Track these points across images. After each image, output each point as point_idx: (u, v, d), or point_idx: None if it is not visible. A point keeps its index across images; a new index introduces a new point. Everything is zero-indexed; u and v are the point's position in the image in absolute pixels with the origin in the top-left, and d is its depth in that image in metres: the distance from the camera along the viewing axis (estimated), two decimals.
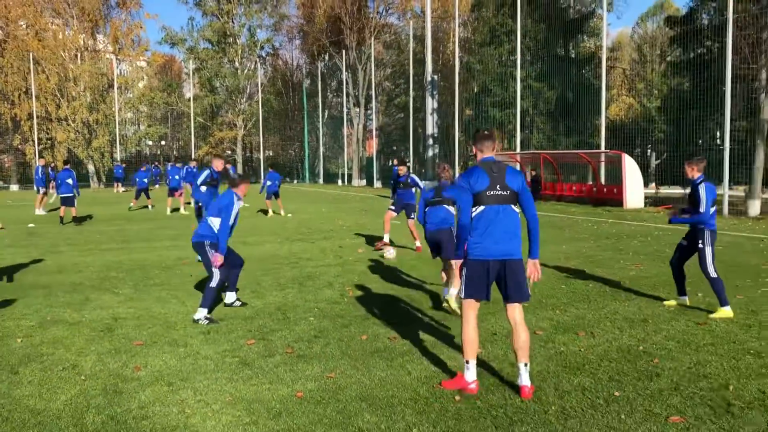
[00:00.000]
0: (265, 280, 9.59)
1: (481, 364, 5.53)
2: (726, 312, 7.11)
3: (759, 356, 5.69)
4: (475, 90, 41.90)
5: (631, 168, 24.28)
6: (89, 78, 50.53)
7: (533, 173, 29.13)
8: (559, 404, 4.65)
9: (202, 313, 7.02)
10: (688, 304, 7.69)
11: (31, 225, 18.63)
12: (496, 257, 4.87)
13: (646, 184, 28.26)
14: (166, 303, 8.05)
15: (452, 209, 8.09)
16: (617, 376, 5.25)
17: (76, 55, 51.18)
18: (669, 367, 5.41)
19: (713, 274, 7.21)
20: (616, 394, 4.84)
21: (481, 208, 4.90)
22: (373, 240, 14.12)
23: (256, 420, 4.39)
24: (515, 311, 4.94)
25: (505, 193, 4.89)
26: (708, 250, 7.26)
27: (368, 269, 10.51)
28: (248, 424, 4.32)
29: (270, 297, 8.39)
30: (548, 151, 30.48)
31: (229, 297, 7.83)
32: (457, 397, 4.77)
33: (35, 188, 23.39)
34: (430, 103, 39.99)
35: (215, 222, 7.36)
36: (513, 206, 4.95)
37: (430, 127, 40.00)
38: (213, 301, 7.19)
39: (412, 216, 12.95)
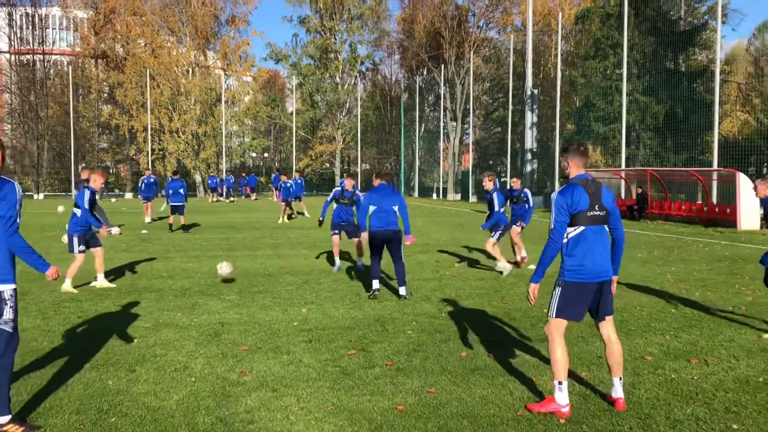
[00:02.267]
0: (364, 292, 9.70)
1: (587, 387, 5.35)
2: None
3: None
4: (577, 104, 40.89)
5: (746, 187, 22.89)
6: (199, 92, 53.22)
7: (639, 191, 28.00)
8: None
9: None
10: None
11: (144, 231, 19.72)
12: (597, 279, 4.81)
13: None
14: (269, 310, 8.29)
15: None
16: (735, 407, 4.93)
17: (188, 71, 54.09)
18: None
19: None
20: (735, 426, 4.55)
21: (581, 228, 4.78)
22: (468, 253, 14.01)
23: (358, 431, 4.43)
24: (608, 326, 4.94)
25: (602, 213, 4.81)
26: None
27: (465, 284, 10.42)
28: None
29: (369, 309, 8.47)
30: (655, 168, 29.26)
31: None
32: (562, 420, 4.63)
33: (141, 198, 24.10)
34: (530, 117, 39.39)
35: None
36: (606, 226, 4.89)
37: (529, 142, 39.36)
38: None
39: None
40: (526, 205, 12.52)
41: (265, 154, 66.93)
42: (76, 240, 9.57)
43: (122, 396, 5.08)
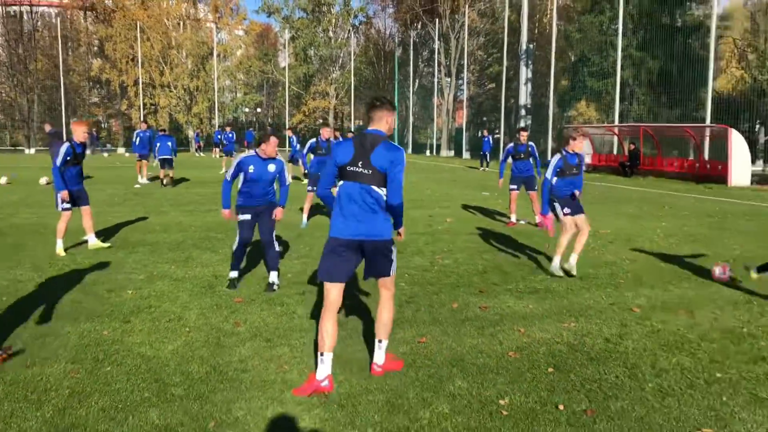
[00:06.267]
0: None
1: (575, 336, 5.46)
2: None
3: None
4: (572, 59, 40.54)
5: (738, 144, 22.95)
6: (191, 46, 52.47)
7: (632, 147, 28.00)
8: (657, 382, 4.53)
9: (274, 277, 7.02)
10: None
11: (137, 185, 19.68)
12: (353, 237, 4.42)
13: (753, 161, 26.67)
14: (263, 264, 8.33)
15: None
16: (719, 357, 5.05)
17: (178, 24, 53.21)
18: None
19: None
20: (718, 375, 4.66)
21: (341, 183, 4.45)
22: (460, 209, 14.06)
23: (349, 378, 4.52)
24: (381, 288, 4.65)
25: (367, 171, 4.35)
26: None
27: (456, 239, 10.48)
28: (342, 382, 4.45)
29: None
30: (649, 124, 29.20)
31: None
32: (550, 369, 4.73)
33: (135, 154, 21.42)
34: (524, 73, 39.08)
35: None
36: (374, 186, 4.37)
37: (524, 98, 39.12)
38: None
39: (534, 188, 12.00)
40: (531, 159, 12.27)
41: (258, 110, 66.34)
42: (58, 197, 8.88)
43: (117, 345, 5.15)
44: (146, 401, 4.13)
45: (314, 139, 12.13)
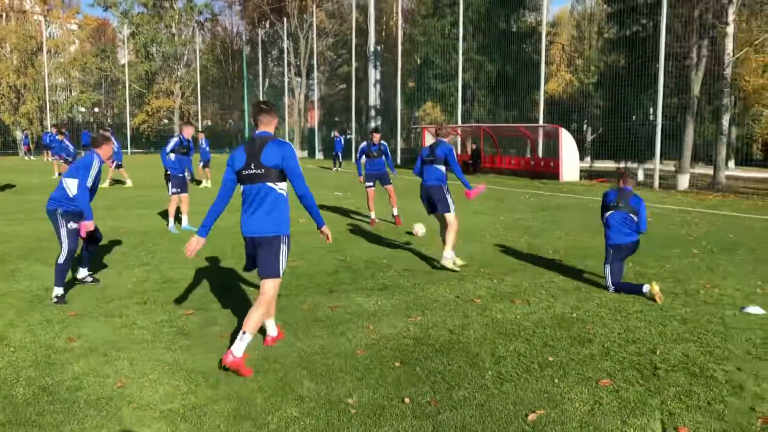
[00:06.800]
0: (204, 251, 9.43)
1: (420, 329, 5.62)
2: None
3: (684, 322, 5.96)
4: (418, 62, 41.87)
5: (567, 142, 24.81)
6: (16, 39, 48.18)
7: (474, 146, 29.45)
8: (496, 369, 4.77)
9: (57, 291, 6.46)
10: None
11: None
12: (248, 234, 4.87)
13: (582, 158, 28.98)
14: (100, 273, 7.83)
15: (443, 168, 8.48)
16: (551, 342, 5.41)
17: (1, 15, 48.64)
18: (601, 334, 5.62)
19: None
20: (550, 359, 5.00)
21: (240, 187, 4.88)
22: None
23: (195, 389, 4.35)
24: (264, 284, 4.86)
25: (259, 171, 4.74)
26: None
27: (309, 239, 10.46)
28: (186, 394, 4.28)
29: (206, 269, 8.27)
30: (488, 125, 30.83)
31: (81, 272, 7.29)
32: (397, 363, 4.84)
33: None
34: (373, 74, 39.81)
35: (72, 184, 6.56)
36: (269, 183, 4.76)
37: (373, 99, 39.86)
38: (65, 276, 6.58)
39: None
40: (383, 157, 12.56)
41: (96, 109, 62.32)
42: None
43: None
44: None
45: (177, 139, 11.66)
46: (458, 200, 8.74)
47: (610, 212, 7.19)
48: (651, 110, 26.20)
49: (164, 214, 12.72)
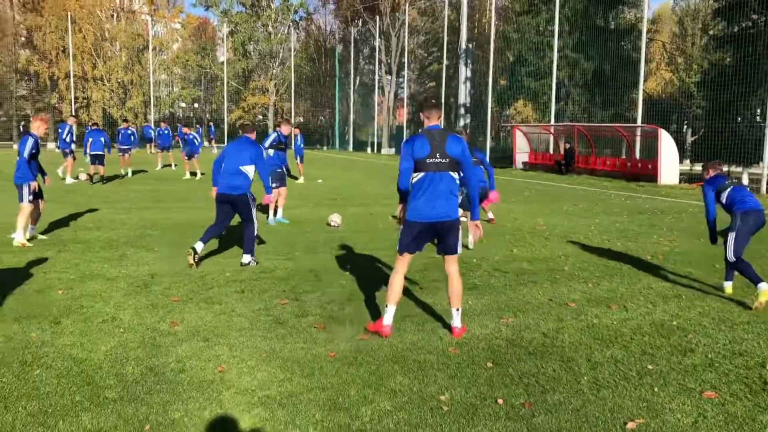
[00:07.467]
0: (299, 243, 9.68)
1: (513, 331, 5.55)
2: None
3: None
4: (511, 59, 41.26)
5: (667, 143, 23.83)
6: (125, 38, 50.99)
7: (567, 146, 28.73)
8: (592, 375, 4.65)
9: (248, 258, 8.01)
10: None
11: (69, 182, 18.99)
12: (432, 219, 5.25)
13: (681, 161, 27.74)
14: (201, 262, 8.17)
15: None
16: (650, 350, 5.22)
17: (112, 15, 51.64)
18: (703, 344, 5.37)
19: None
20: (650, 367, 4.82)
21: (421, 174, 5.24)
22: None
23: (290, 377, 4.47)
24: (449, 264, 5.44)
25: (444, 160, 5.19)
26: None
27: (395, 235, 10.49)
28: (283, 381, 4.40)
29: (303, 260, 8.47)
30: (583, 124, 30.01)
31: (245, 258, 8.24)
32: (489, 364, 4.80)
33: (61, 151, 19.76)
34: (464, 72, 39.53)
35: (249, 170, 8.21)
36: (451, 172, 5.25)
37: (463, 96, 39.58)
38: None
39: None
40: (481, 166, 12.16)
41: (195, 105, 65.01)
42: (25, 189, 9.07)
43: (47, 348, 4.95)
44: (78, 405, 3.97)
45: (275, 135, 12.08)
46: (551, 200, 8.56)
47: (728, 189, 6.86)
48: (759, 111, 24.77)
49: (262, 208, 13.11)
